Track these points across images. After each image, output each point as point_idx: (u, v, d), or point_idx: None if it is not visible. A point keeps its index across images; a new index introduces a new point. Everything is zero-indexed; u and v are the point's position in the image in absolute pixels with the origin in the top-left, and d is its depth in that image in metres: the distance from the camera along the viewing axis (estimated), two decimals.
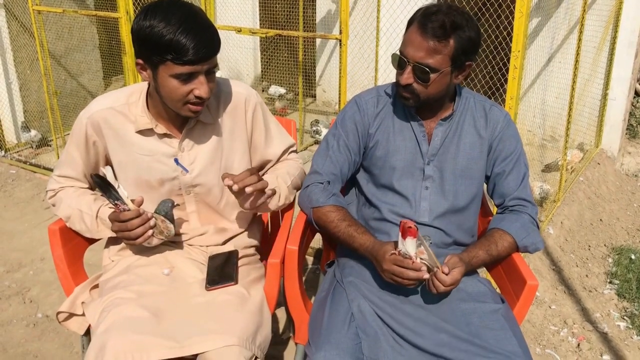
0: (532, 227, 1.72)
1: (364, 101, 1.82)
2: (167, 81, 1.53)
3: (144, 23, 1.48)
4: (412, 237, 1.50)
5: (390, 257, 1.53)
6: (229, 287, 1.66)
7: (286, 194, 1.81)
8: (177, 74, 1.51)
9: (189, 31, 1.47)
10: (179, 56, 1.48)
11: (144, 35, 1.49)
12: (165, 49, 1.47)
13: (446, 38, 1.55)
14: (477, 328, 1.53)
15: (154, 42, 1.48)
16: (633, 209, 4.44)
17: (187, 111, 1.61)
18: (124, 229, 1.62)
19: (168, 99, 1.58)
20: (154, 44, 1.48)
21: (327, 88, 6.40)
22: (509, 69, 2.43)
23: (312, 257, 3.23)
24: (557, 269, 3.33)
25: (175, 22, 1.46)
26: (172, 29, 1.46)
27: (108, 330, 1.44)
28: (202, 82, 1.55)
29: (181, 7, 1.51)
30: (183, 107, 1.59)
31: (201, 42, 1.48)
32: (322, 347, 1.47)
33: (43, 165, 4.60)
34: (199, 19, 1.51)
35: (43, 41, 4.32)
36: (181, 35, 1.46)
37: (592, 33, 4.43)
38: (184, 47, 1.46)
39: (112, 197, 1.62)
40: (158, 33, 1.46)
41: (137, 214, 1.62)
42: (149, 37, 1.48)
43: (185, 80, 1.53)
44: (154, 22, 1.47)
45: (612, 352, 2.66)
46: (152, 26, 1.47)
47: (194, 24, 1.48)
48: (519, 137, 1.81)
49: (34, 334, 2.64)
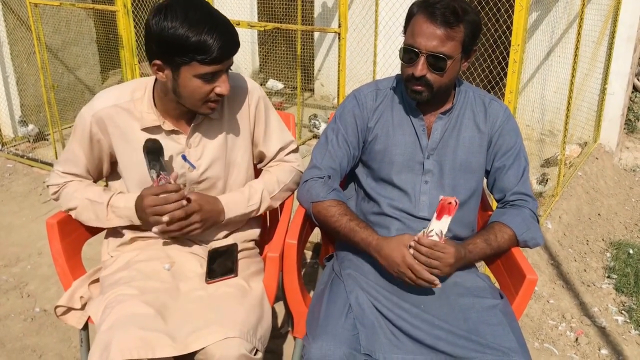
0: (532, 222, 1.72)
1: (363, 95, 1.81)
2: (190, 81, 1.53)
3: (165, 24, 1.46)
4: (449, 215, 1.52)
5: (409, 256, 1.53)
6: (230, 279, 1.66)
7: (267, 205, 1.84)
8: (202, 74, 1.52)
9: (214, 31, 1.47)
10: (206, 57, 1.48)
11: (167, 36, 1.47)
12: (192, 50, 1.47)
13: (458, 24, 1.55)
14: (475, 323, 1.53)
15: (179, 44, 1.47)
16: (631, 204, 4.44)
17: (206, 109, 1.62)
18: (160, 203, 1.60)
19: (189, 98, 1.58)
20: (179, 46, 1.47)
21: (325, 82, 6.39)
22: (509, 63, 2.42)
23: (311, 252, 3.23)
24: (556, 264, 3.33)
25: (199, 22, 1.46)
26: (197, 30, 1.46)
27: (112, 327, 1.44)
28: (225, 80, 1.57)
29: (199, 6, 1.50)
30: (203, 106, 1.60)
31: (226, 41, 1.50)
32: (319, 337, 1.47)
33: (40, 160, 4.59)
34: (219, 18, 1.52)
35: (40, 34, 4.30)
36: (207, 36, 1.46)
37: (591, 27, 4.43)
38: (211, 47, 1.47)
39: (158, 167, 1.60)
40: (184, 35, 1.45)
41: (177, 188, 1.61)
42: (173, 38, 1.46)
43: (208, 80, 1.54)
44: (175, 23, 1.46)
45: (610, 347, 2.67)
46: (175, 27, 1.46)
47: (217, 23, 1.49)
48: (519, 131, 1.81)
49: (32, 328, 2.63)
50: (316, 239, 3.09)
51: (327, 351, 1.43)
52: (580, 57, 3.80)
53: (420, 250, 1.52)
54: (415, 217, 1.73)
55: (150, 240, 1.76)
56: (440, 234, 1.53)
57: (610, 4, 4.56)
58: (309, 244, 3.22)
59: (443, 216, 1.52)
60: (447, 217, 1.52)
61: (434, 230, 1.53)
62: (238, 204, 1.77)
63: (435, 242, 1.52)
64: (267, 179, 1.85)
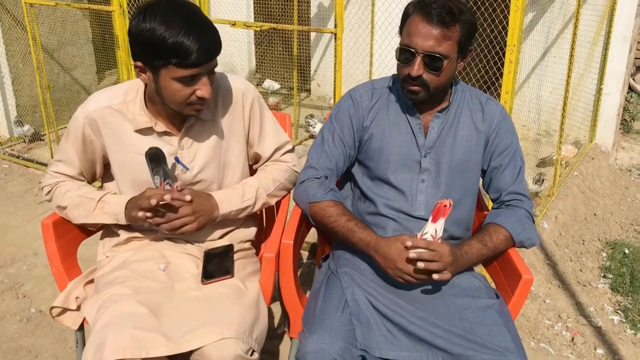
0: (528, 222, 1.73)
1: (359, 94, 1.81)
2: (169, 84, 1.52)
3: (144, 25, 1.45)
4: (444, 217, 1.53)
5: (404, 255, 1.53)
6: (225, 280, 1.66)
7: (263, 201, 1.84)
8: (180, 77, 1.50)
9: (191, 34, 1.44)
10: (183, 60, 1.46)
11: (145, 38, 1.45)
12: (168, 53, 1.45)
13: (454, 23, 1.56)
14: (471, 324, 1.53)
15: (156, 46, 1.45)
16: (627, 204, 4.45)
17: (190, 111, 1.60)
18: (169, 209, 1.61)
19: (171, 100, 1.57)
20: (156, 48, 1.45)
21: (321, 82, 6.39)
22: (504, 63, 2.43)
23: (307, 252, 3.23)
24: (552, 264, 3.34)
25: (177, 24, 1.43)
26: (174, 32, 1.43)
27: (107, 327, 1.43)
28: (205, 83, 1.54)
29: (181, 7, 1.48)
30: (186, 108, 1.59)
31: (204, 44, 1.46)
32: (315, 332, 1.47)
33: (36, 160, 4.58)
34: (200, 20, 1.49)
35: (36, 34, 4.28)
36: (184, 38, 1.43)
37: (586, 28, 4.44)
38: (188, 50, 1.44)
39: (161, 174, 1.60)
40: (160, 37, 1.43)
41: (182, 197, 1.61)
42: (150, 40, 1.45)
43: (188, 83, 1.52)
44: (154, 24, 1.43)
45: (605, 346, 2.68)
46: (153, 29, 1.44)
47: (195, 26, 1.46)
48: (515, 131, 1.81)
49: (28, 329, 2.62)
50: (312, 239, 3.09)
51: (322, 345, 1.43)
52: (576, 57, 3.81)
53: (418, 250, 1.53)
54: (411, 216, 1.73)
55: (145, 241, 1.76)
56: (434, 235, 1.53)
57: (606, 5, 4.57)
58: (306, 244, 3.22)
59: (438, 219, 1.53)
60: (442, 219, 1.53)
61: (428, 232, 1.54)
62: (232, 199, 1.76)
63: (430, 242, 1.53)
64: (262, 177, 1.85)
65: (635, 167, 5.16)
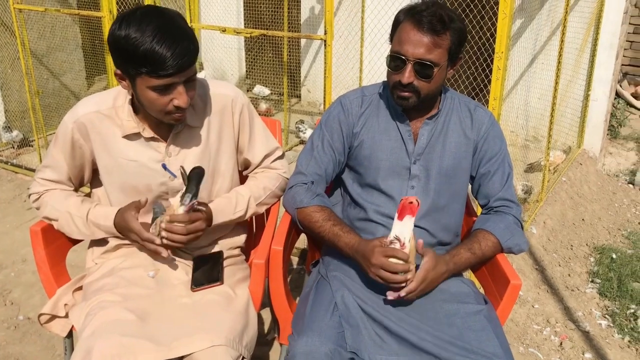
0: (516, 229, 1.74)
1: (349, 101, 1.82)
2: (145, 92, 1.50)
3: (119, 33, 1.44)
4: (412, 215, 1.49)
5: (379, 250, 1.52)
6: (215, 287, 1.66)
7: (254, 211, 1.84)
8: (154, 86, 1.48)
9: (164, 42, 1.41)
10: (154, 69, 1.43)
11: (120, 46, 1.45)
12: (140, 61, 1.43)
13: (444, 31, 1.57)
14: (460, 329, 1.54)
15: (129, 54, 1.44)
16: (614, 209, 4.49)
17: (169, 119, 1.59)
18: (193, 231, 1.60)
19: (149, 108, 1.56)
20: (129, 56, 1.44)
21: (312, 88, 6.40)
22: (493, 70, 2.45)
23: (297, 258, 3.23)
24: (540, 269, 3.36)
25: (150, 33, 1.41)
26: (146, 41, 1.41)
27: (94, 334, 1.43)
28: (181, 93, 1.51)
29: (157, 16, 1.46)
30: (165, 117, 1.57)
31: (176, 53, 1.43)
32: (304, 334, 1.47)
33: (25, 166, 4.55)
34: (174, 28, 1.46)
35: (25, 40, 4.27)
36: (156, 46, 1.41)
37: (574, 35, 4.48)
38: (159, 60, 1.42)
39: (194, 192, 1.58)
40: (132, 45, 1.42)
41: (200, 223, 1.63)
42: (124, 48, 1.44)
43: (163, 92, 1.50)
44: (129, 31, 1.42)
45: (593, 351, 2.69)
46: (127, 37, 1.42)
47: (169, 34, 1.43)
48: (504, 138, 1.83)
49: (15, 336, 2.60)
50: (302, 245, 3.09)
51: (312, 347, 1.43)
52: (563, 64, 3.85)
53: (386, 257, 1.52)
54: None
55: (134, 248, 1.75)
56: (402, 239, 1.50)
57: (592, 12, 4.62)
58: (295, 250, 3.22)
59: (405, 216, 1.50)
60: (410, 218, 1.50)
61: (396, 234, 1.51)
62: (225, 210, 1.76)
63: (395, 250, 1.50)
64: (253, 186, 1.85)
65: (622, 172, 5.21)
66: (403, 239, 1.50)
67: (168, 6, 1.57)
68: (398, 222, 1.51)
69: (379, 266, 1.51)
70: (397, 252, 1.50)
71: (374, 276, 1.54)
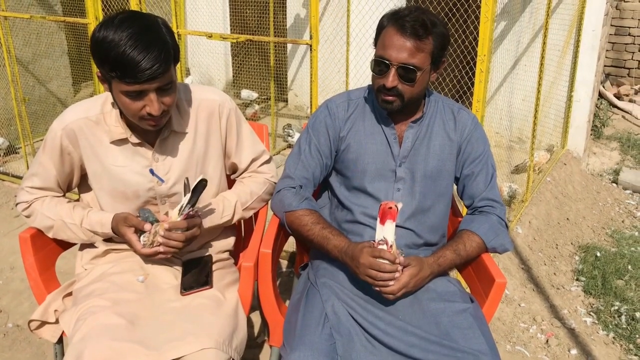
0: (500, 229, 1.77)
1: (335, 105, 1.85)
2: (119, 96, 1.51)
3: (98, 35, 1.45)
4: (392, 220, 1.52)
5: (367, 250, 1.55)
6: (204, 291, 1.67)
7: (240, 216, 1.87)
8: (126, 92, 1.48)
9: (134, 49, 1.42)
10: (123, 75, 1.44)
11: (96, 48, 1.46)
12: (111, 65, 1.44)
13: (427, 36, 1.60)
14: (447, 328, 1.56)
15: (102, 57, 1.45)
16: (598, 208, 4.55)
17: (145, 125, 1.59)
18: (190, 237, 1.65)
19: (125, 112, 1.57)
20: (103, 59, 1.45)
21: (299, 92, 6.43)
22: (476, 73, 2.48)
23: (286, 261, 3.24)
24: (526, 268, 3.40)
25: (124, 38, 1.42)
26: (119, 45, 1.41)
27: (84, 339, 1.44)
28: (152, 100, 1.51)
29: (134, 22, 1.46)
30: (140, 122, 1.58)
31: (147, 61, 1.43)
32: (296, 348, 1.48)
33: (12, 173, 4.52)
34: (150, 36, 1.45)
35: (10, 47, 4.25)
36: (128, 52, 1.41)
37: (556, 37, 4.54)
38: (128, 66, 1.42)
39: (194, 202, 1.63)
40: (106, 48, 1.43)
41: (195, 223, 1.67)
42: (100, 50, 1.45)
43: (135, 98, 1.50)
44: (107, 34, 1.43)
45: (579, 347, 2.74)
46: (103, 40, 1.44)
47: (142, 41, 1.43)
48: (487, 139, 1.86)
49: (5, 344, 2.59)
50: (291, 248, 3.11)
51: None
52: (546, 65, 3.90)
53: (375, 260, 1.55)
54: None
55: (123, 253, 1.77)
56: (387, 242, 1.53)
57: (574, 15, 4.69)
58: (284, 253, 3.23)
59: (386, 221, 1.53)
60: (391, 222, 1.53)
61: (383, 236, 1.54)
62: (212, 217, 1.78)
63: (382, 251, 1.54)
64: (240, 191, 1.87)
65: (606, 172, 5.28)
66: (390, 241, 1.54)
67: (154, 12, 1.59)
68: (380, 227, 1.55)
69: (367, 266, 1.54)
70: (384, 252, 1.53)
71: (362, 276, 1.56)
